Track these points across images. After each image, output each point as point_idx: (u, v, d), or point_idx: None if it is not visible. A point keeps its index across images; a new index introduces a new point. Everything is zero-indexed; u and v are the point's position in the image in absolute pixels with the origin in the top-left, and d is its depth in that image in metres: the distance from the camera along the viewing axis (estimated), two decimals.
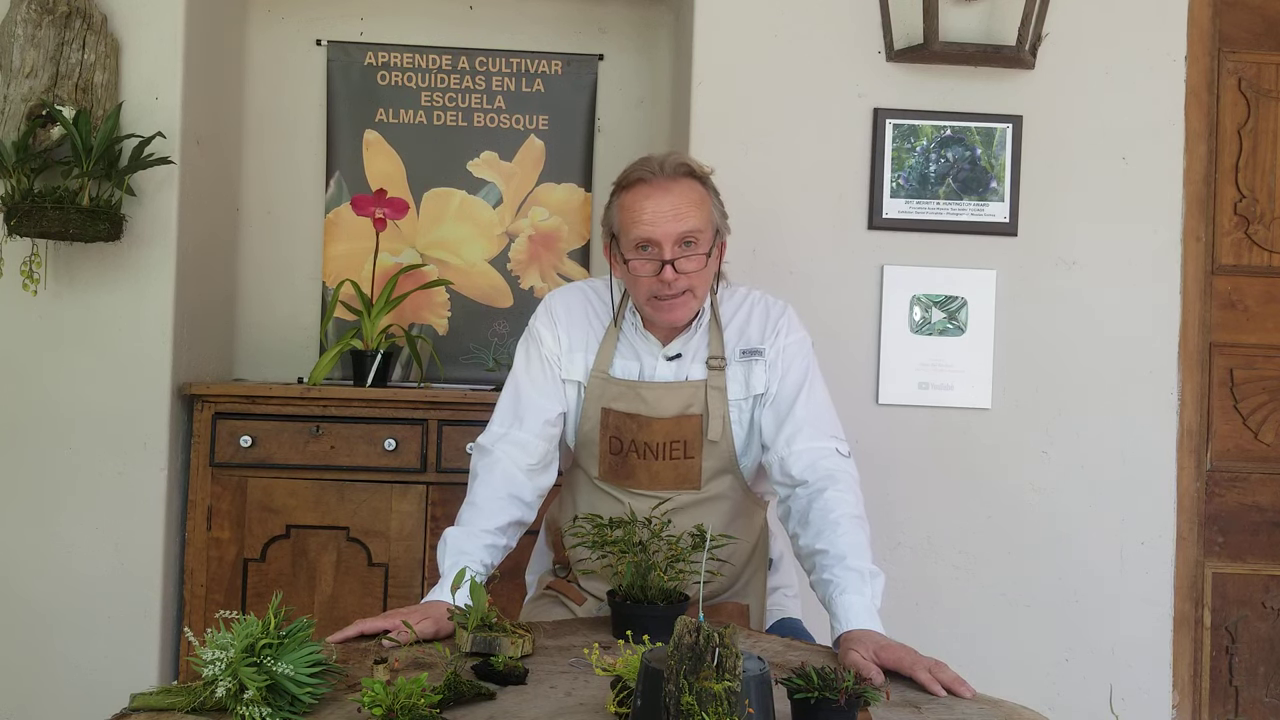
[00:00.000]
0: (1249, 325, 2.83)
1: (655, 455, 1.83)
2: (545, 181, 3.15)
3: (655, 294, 1.77)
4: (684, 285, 1.77)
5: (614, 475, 1.87)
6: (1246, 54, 2.85)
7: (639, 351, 1.88)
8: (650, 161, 1.80)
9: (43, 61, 2.49)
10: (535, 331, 1.92)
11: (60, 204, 2.43)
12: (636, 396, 1.84)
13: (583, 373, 1.88)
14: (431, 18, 3.16)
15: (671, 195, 1.76)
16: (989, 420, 2.75)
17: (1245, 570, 2.81)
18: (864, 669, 1.41)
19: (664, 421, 1.83)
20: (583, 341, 1.90)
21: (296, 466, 2.65)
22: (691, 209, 1.77)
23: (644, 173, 1.79)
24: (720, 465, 1.86)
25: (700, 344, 1.87)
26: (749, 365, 1.86)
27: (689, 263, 1.76)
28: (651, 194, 1.76)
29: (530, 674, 1.43)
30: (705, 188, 1.82)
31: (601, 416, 1.86)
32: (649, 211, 1.75)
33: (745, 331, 1.89)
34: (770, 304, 1.93)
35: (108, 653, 2.60)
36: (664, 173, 1.78)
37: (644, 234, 1.75)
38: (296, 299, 3.12)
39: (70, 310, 2.62)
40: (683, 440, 1.83)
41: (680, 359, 1.86)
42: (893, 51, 2.72)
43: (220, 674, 1.20)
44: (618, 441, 1.85)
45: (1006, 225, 2.75)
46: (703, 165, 1.85)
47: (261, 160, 3.12)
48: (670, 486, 1.84)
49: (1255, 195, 2.83)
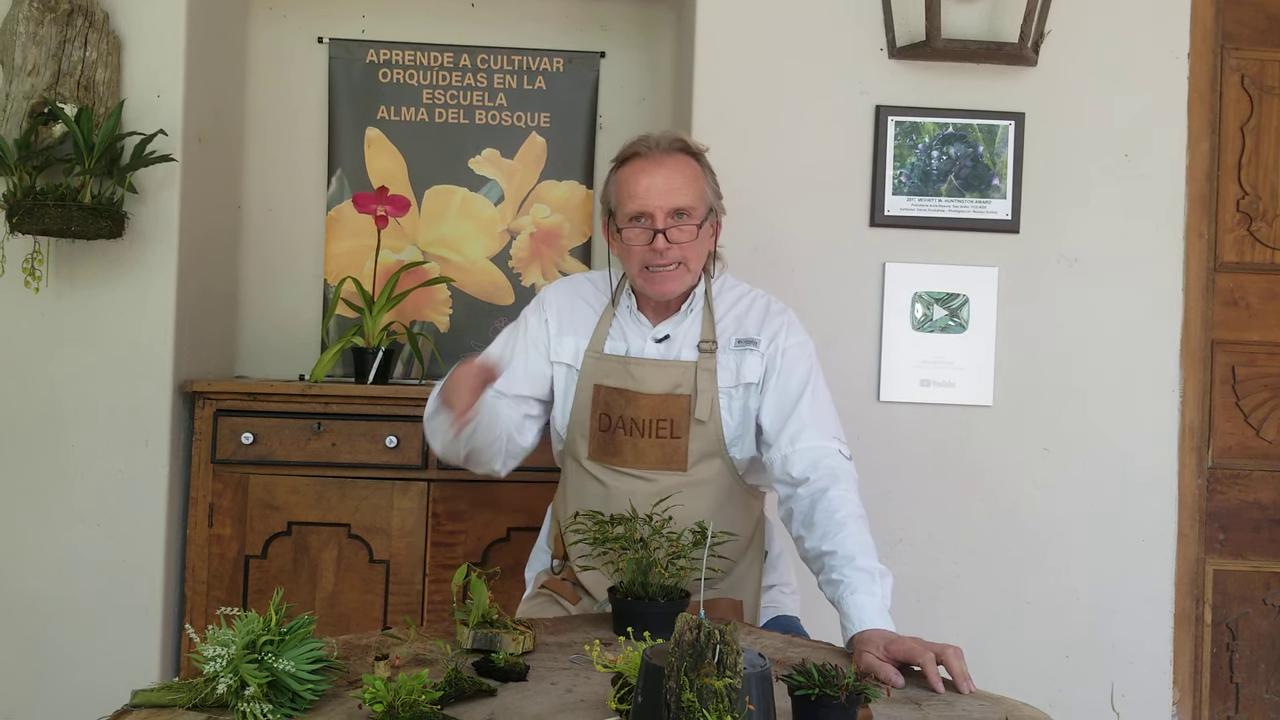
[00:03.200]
0: (1251, 322, 2.83)
1: (641, 432, 1.86)
2: (547, 179, 3.15)
3: (648, 264, 1.83)
4: (676, 256, 1.82)
5: (602, 453, 1.89)
6: (1249, 51, 2.84)
7: (627, 333, 1.92)
8: (647, 138, 1.87)
9: (44, 59, 2.49)
10: (521, 318, 2.00)
11: (62, 202, 2.43)
12: (625, 372, 1.88)
13: (573, 354, 1.92)
14: (433, 15, 3.15)
15: (665, 169, 1.83)
16: (990, 418, 2.75)
17: (1246, 567, 2.81)
18: (880, 671, 1.41)
19: (651, 398, 1.85)
20: (573, 325, 1.94)
21: (298, 464, 2.65)
22: (685, 183, 1.83)
23: (640, 148, 1.86)
24: (708, 448, 1.87)
25: (691, 328, 1.90)
26: (742, 354, 1.88)
27: (680, 233, 1.81)
28: (646, 167, 1.83)
29: (531, 670, 1.43)
30: (700, 164, 1.89)
31: (594, 393, 1.89)
32: (643, 184, 1.82)
33: (742, 322, 1.92)
34: (772, 303, 1.96)
35: (109, 649, 2.60)
36: (659, 148, 1.85)
37: (638, 206, 1.82)
38: (298, 296, 3.12)
39: (72, 308, 2.62)
40: (669, 419, 1.85)
41: (669, 341, 1.90)
42: (895, 49, 2.71)
43: (221, 671, 1.20)
44: (606, 418, 1.87)
45: (1008, 222, 2.75)
46: (698, 143, 1.90)
47: (263, 158, 3.12)
48: (655, 466, 1.86)
49: (1258, 192, 2.83)
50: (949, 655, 1.44)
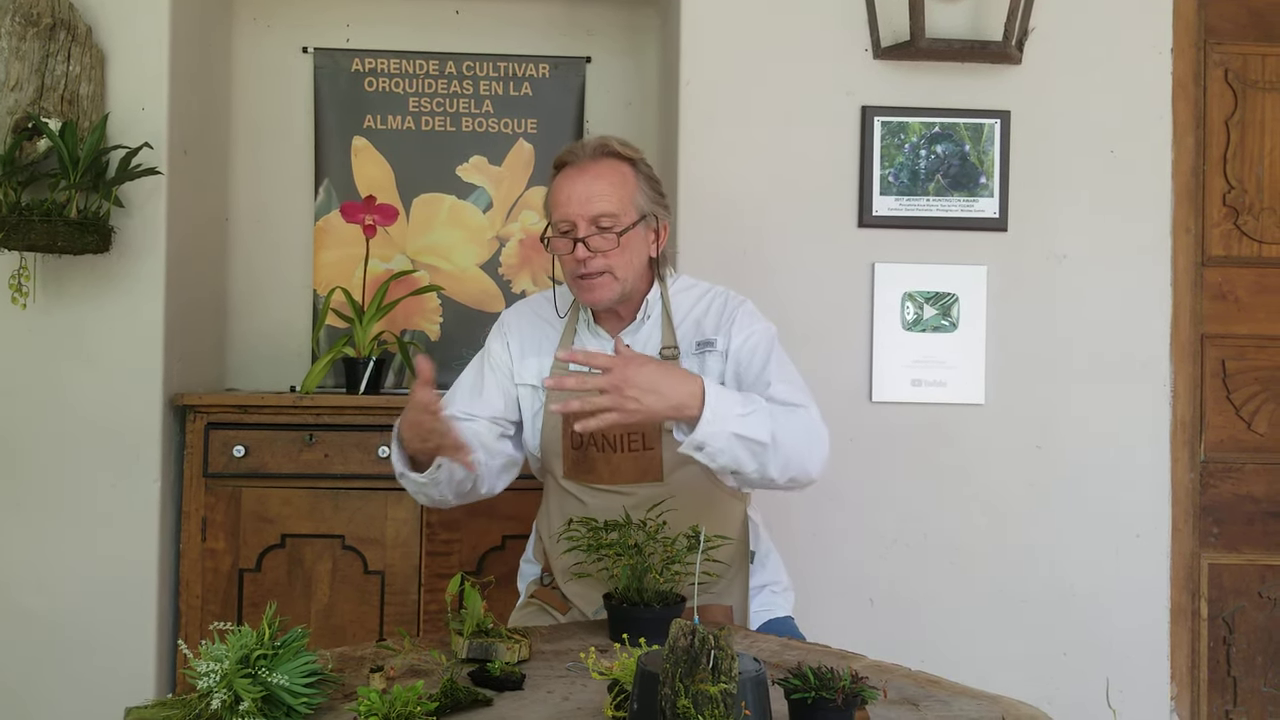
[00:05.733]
0: (1240, 316, 2.84)
1: (614, 447, 1.83)
2: (535, 185, 3.15)
3: (576, 273, 1.82)
4: (600, 265, 1.79)
5: (577, 471, 1.87)
6: (1232, 45, 2.85)
7: (588, 347, 1.89)
8: (576, 145, 1.86)
9: (28, 74, 2.48)
10: (486, 346, 1.98)
11: (48, 216, 2.42)
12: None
13: (536, 374, 1.90)
14: (418, 23, 3.15)
15: (587, 175, 1.81)
16: (982, 416, 2.75)
17: (1241, 561, 2.82)
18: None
19: None
20: (535, 345, 1.93)
21: (290, 475, 2.64)
22: (607, 189, 1.80)
23: (569, 156, 1.85)
24: (683, 456, 1.84)
25: (650, 335, 1.88)
26: (703, 358, 1.85)
27: (601, 240, 1.79)
28: (570, 175, 1.82)
29: (527, 679, 1.42)
30: (632, 168, 1.85)
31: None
32: (564, 193, 1.81)
33: (700, 324, 1.89)
34: (730, 298, 1.92)
35: (103, 666, 2.59)
36: (584, 154, 1.83)
37: (560, 214, 1.81)
38: (287, 307, 3.11)
39: (60, 323, 2.60)
40: (640, 431, 1.82)
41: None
42: (880, 49, 2.72)
43: (215, 686, 1.19)
44: (578, 436, 1.84)
45: (996, 220, 2.75)
46: (632, 148, 1.87)
47: (250, 169, 3.12)
48: (632, 480, 1.83)
49: (1244, 186, 2.84)
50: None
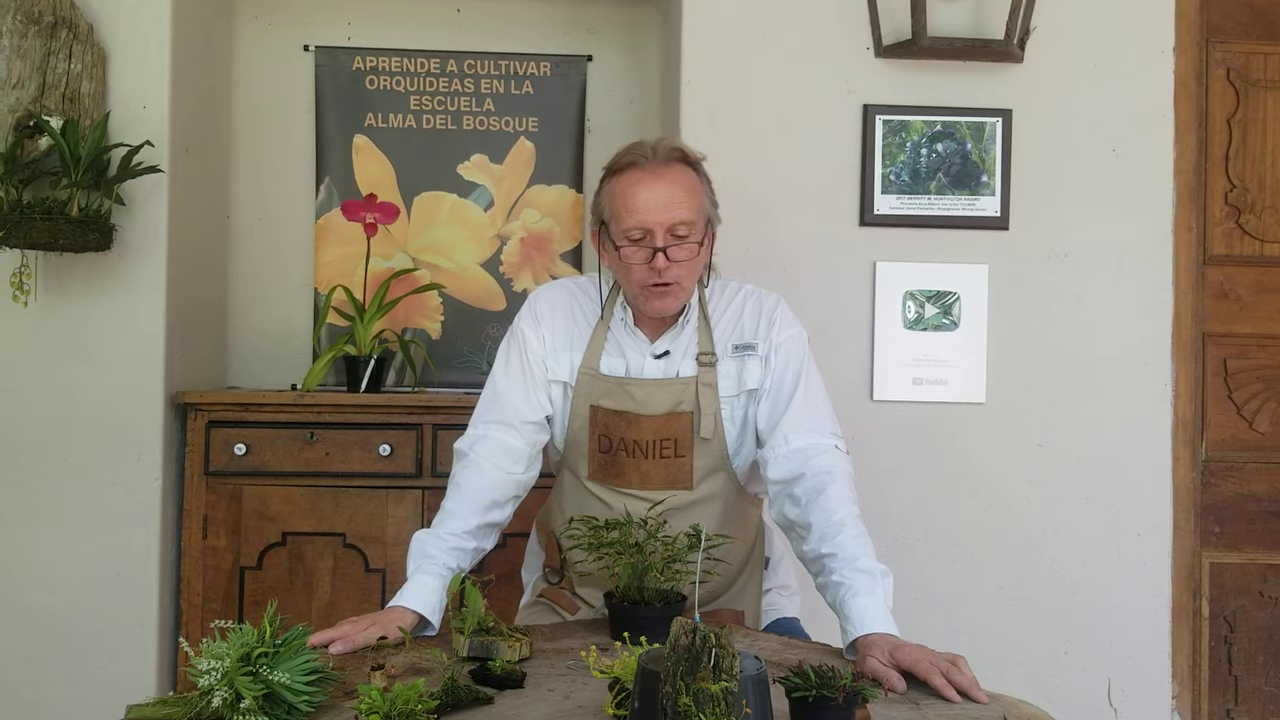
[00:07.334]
0: (1242, 315, 2.84)
1: (645, 454, 1.80)
2: (536, 183, 3.15)
3: (647, 282, 1.74)
4: (676, 275, 1.73)
5: (604, 475, 1.84)
6: (1234, 44, 2.85)
7: (625, 349, 1.84)
8: (643, 146, 1.76)
9: (29, 72, 2.48)
10: (519, 332, 1.87)
11: (49, 214, 2.42)
12: (625, 394, 1.81)
13: (569, 372, 1.84)
14: (419, 21, 3.15)
15: (664, 181, 1.72)
16: (984, 415, 2.75)
17: (1242, 560, 2.82)
18: (884, 676, 1.38)
19: (654, 419, 1.79)
20: (567, 340, 1.85)
21: (291, 473, 2.64)
22: (685, 197, 1.73)
23: (636, 157, 1.75)
24: (713, 464, 1.83)
25: (689, 340, 1.84)
26: (742, 360, 1.82)
27: (681, 251, 1.72)
28: (644, 179, 1.72)
29: (528, 677, 1.42)
30: (697, 174, 1.79)
31: (590, 414, 1.83)
32: (641, 199, 1.71)
33: (738, 326, 1.85)
34: (763, 297, 1.89)
35: (105, 664, 2.59)
36: (656, 158, 1.74)
37: (636, 221, 1.71)
38: (288, 306, 3.11)
39: (61, 321, 2.61)
40: (673, 438, 1.79)
41: (669, 356, 1.83)
42: (881, 47, 2.72)
43: (216, 684, 1.19)
44: (606, 440, 1.81)
45: (998, 219, 2.75)
46: (695, 151, 1.80)
47: (251, 167, 3.12)
48: (662, 486, 1.80)
49: (1246, 185, 2.84)
50: (956, 666, 1.40)
